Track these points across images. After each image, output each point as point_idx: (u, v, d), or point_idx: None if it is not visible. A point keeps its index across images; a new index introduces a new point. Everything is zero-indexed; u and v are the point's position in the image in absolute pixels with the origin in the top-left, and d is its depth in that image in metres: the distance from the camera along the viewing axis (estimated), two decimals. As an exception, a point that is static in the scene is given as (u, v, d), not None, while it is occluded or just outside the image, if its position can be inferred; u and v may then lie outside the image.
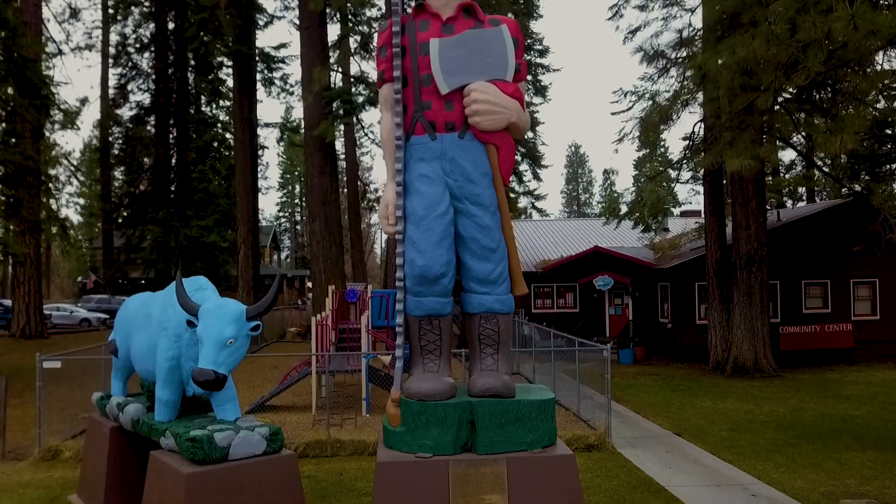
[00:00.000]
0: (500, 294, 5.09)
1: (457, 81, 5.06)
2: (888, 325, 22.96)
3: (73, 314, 35.67)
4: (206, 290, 7.44)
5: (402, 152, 4.94)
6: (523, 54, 5.18)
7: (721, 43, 10.03)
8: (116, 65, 33.53)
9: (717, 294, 20.51)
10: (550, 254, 28.89)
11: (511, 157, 5.26)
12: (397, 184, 4.91)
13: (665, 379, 19.60)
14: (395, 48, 4.90)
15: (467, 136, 5.13)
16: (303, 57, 20.56)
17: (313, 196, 20.90)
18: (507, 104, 5.07)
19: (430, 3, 5.17)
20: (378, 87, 5.44)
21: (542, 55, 27.70)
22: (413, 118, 5.11)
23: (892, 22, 7.44)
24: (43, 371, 11.46)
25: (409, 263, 4.91)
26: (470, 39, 5.12)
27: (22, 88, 16.89)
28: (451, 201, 5.06)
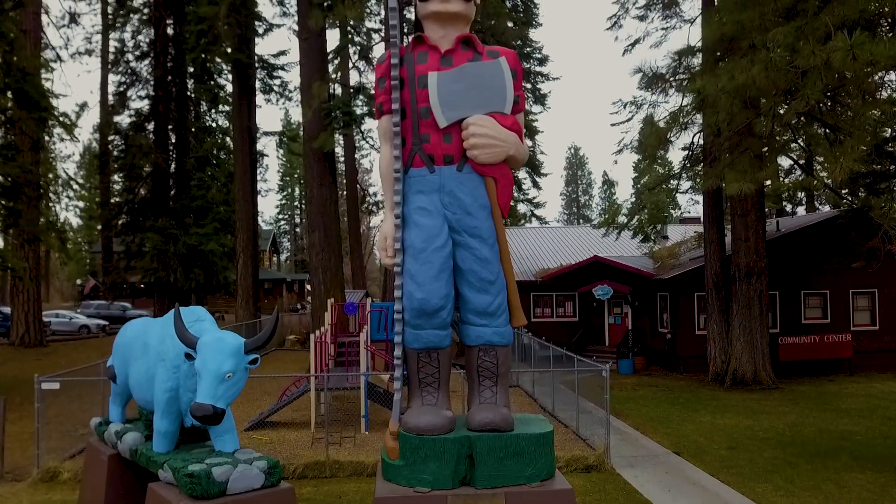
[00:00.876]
0: (499, 326, 5.09)
1: (455, 115, 5.06)
2: (887, 336, 22.97)
3: (73, 320, 35.65)
4: (205, 322, 7.43)
5: (400, 185, 4.94)
6: (521, 85, 5.18)
7: (720, 65, 10.03)
8: (115, 72, 33.48)
9: (716, 305, 20.51)
10: (550, 262, 28.87)
11: (509, 189, 5.27)
12: (396, 216, 4.91)
13: (664, 391, 19.60)
14: (394, 80, 4.90)
15: (466, 169, 5.12)
16: (302, 67, 20.55)
17: (313, 207, 20.88)
18: (506, 137, 5.06)
19: (429, 35, 5.16)
20: (377, 118, 5.44)
21: (541, 63, 27.71)
22: (412, 151, 5.10)
23: (891, 52, 7.43)
24: (42, 392, 11.41)
25: (408, 296, 4.91)
26: (468, 73, 5.11)
27: (21, 101, 16.88)
28: (450, 234, 5.05)
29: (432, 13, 5.06)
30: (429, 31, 5.21)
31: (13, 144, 16.85)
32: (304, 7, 19.42)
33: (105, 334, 35.39)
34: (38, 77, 17.44)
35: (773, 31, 8.44)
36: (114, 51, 35.03)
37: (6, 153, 16.25)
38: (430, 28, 5.22)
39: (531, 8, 27.25)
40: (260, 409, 16.02)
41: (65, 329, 34.62)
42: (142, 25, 33.69)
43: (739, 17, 9.19)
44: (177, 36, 33.05)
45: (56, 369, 24.53)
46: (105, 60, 38.47)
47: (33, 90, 16.80)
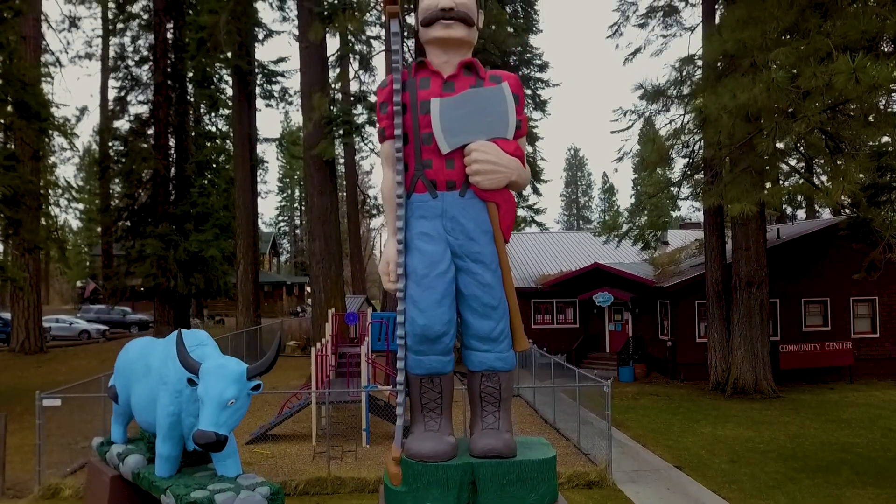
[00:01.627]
0: (502, 352, 5.08)
1: (458, 141, 5.06)
2: (888, 343, 22.97)
3: (73, 326, 35.61)
4: (207, 347, 7.43)
5: (403, 210, 4.94)
6: (524, 109, 5.18)
7: (721, 83, 10.02)
8: (116, 77, 33.46)
9: (717, 314, 20.52)
10: (550, 268, 28.87)
11: (512, 214, 5.27)
12: (398, 241, 4.91)
13: (665, 400, 19.60)
14: (396, 106, 4.89)
15: (468, 195, 5.11)
16: (302, 76, 20.55)
17: (313, 216, 20.87)
18: (508, 163, 5.06)
19: (431, 60, 5.15)
20: (380, 142, 5.45)
21: (541, 70, 27.72)
22: (414, 176, 5.10)
23: (894, 74, 7.43)
24: (42, 408, 11.40)
25: (410, 322, 4.90)
26: (470, 99, 5.11)
27: (21, 111, 16.88)
28: (453, 259, 5.04)
29: (435, 39, 5.06)
30: (431, 57, 5.20)
31: (14, 155, 16.83)
32: (304, 16, 19.41)
33: (105, 339, 35.38)
34: (39, 87, 17.41)
35: (775, 51, 8.43)
36: (114, 55, 35.00)
37: (6, 164, 16.22)
38: (433, 53, 5.21)
39: (531, 14, 27.28)
40: (261, 420, 16.01)
41: (65, 334, 34.60)
42: (142, 30, 33.66)
43: (741, 36, 9.19)
44: (177, 41, 33.04)
45: (56, 377, 24.56)
46: (105, 64, 38.46)
47: (33, 100, 16.79)
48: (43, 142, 17.91)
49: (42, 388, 21.51)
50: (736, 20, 9.73)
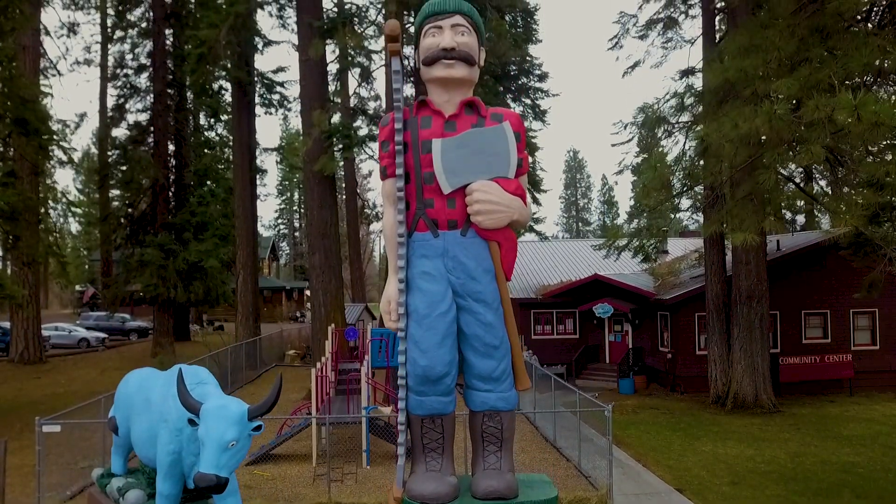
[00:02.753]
0: (504, 391, 5.06)
1: (459, 181, 5.05)
2: (888, 355, 22.98)
3: (72, 334, 35.57)
4: (208, 385, 7.39)
5: (404, 249, 4.93)
6: (525, 147, 5.18)
7: (723, 110, 10.00)
8: (115, 86, 33.42)
9: (717, 327, 20.51)
10: (550, 278, 28.85)
11: (513, 252, 5.26)
12: (400, 280, 4.90)
13: (665, 414, 19.59)
14: (398, 146, 4.88)
15: (469, 234, 5.09)
16: (302, 89, 20.50)
17: (313, 230, 20.83)
18: (509, 203, 5.04)
19: (433, 99, 5.14)
20: (381, 180, 5.45)
21: (540, 80, 27.70)
22: (416, 215, 5.08)
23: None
24: (42, 435, 11.36)
25: (412, 363, 4.88)
26: (472, 139, 5.10)
27: (21, 128, 16.86)
28: (454, 298, 5.02)
29: (437, 78, 5.05)
30: (433, 95, 5.19)
31: (13, 172, 16.80)
32: (304, 30, 19.37)
33: (104, 347, 35.34)
34: (39, 103, 17.39)
35: (777, 82, 8.41)
36: (113, 63, 34.96)
37: (5, 180, 16.20)
38: (434, 92, 5.20)
39: (530, 24, 27.26)
40: (261, 439, 16.03)
41: (64, 342, 34.56)
42: (140, 38, 33.61)
43: (742, 64, 9.18)
44: (176, 49, 33.00)
45: (56, 388, 24.54)
46: (104, 71, 38.40)
47: (33, 117, 16.76)
48: (42, 158, 17.89)
49: (42, 401, 21.60)
50: (737, 47, 9.72)
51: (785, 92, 8.43)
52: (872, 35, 8.61)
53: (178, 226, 30.92)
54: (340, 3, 21.34)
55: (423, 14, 5.00)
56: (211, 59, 20.69)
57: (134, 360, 31.42)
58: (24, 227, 17.76)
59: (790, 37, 9.24)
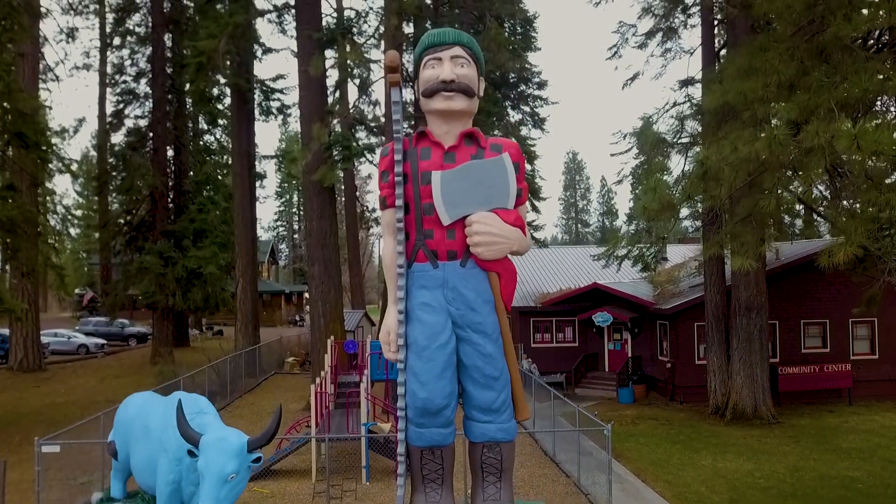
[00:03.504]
0: (503, 422, 5.06)
1: (459, 213, 5.06)
2: (887, 364, 22.98)
3: (71, 340, 35.54)
4: (207, 415, 7.39)
5: (404, 280, 4.93)
6: (524, 177, 5.19)
7: (723, 131, 10.01)
8: (114, 93, 33.42)
9: (716, 338, 20.52)
10: (550, 286, 28.85)
11: (513, 283, 5.26)
12: (399, 311, 4.91)
13: (665, 425, 19.58)
14: (398, 177, 4.89)
15: (469, 265, 5.10)
16: (301, 100, 20.50)
17: (312, 240, 20.82)
18: (509, 234, 5.04)
19: (432, 130, 5.15)
20: (380, 209, 5.46)
21: (539, 87, 27.72)
22: (415, 245, 5.08)
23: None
24: (42, 455, 11.35)
25: (411, 395, 4.88)
26: (471, 170, 5.11)
27: (20, 142, 16.85)
28: (454, 329, 5.03)
29: (436, 110, 5.07)
30: (432, 126, 5.20)
31: (12, 185, 16.80)
32: (304, 42, 19.37)
33: (103, 354, 35.32)
34: (38, 116, 17.38)
35: (777, 106, 8.42)
36: (111, 69, 34.95)
37: (4, 194, 16.19)
38: (434, 123, 5.21)
39: (529, 32, 27.29)
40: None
41: (63, 349, 34.55)
42: (139, 44, 33.60)
43: (742, 87, 9.18)
44: (175, 55, 32.99)
45: (54, 397, 24.52)
46: (103, 76, 38.37)
47: (32, 130, 16.75)
48: (41, 170, 17.89)
49: (41, 411, 21.59)
50: (737, 69, 9.72)
51: (784, 116, 8.43)
52: (872, 59, 8.62)
53: (177, 233, 30.91)
54: (340, 13, 21.38)
55: (423, 45, 5.01)
56: (210, 69, 20.67)
57: (133, 368, 31.43)
58: (23, 239, 17.74)
59: (790, 59, 9.25)
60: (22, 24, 17.58)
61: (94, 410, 22.18)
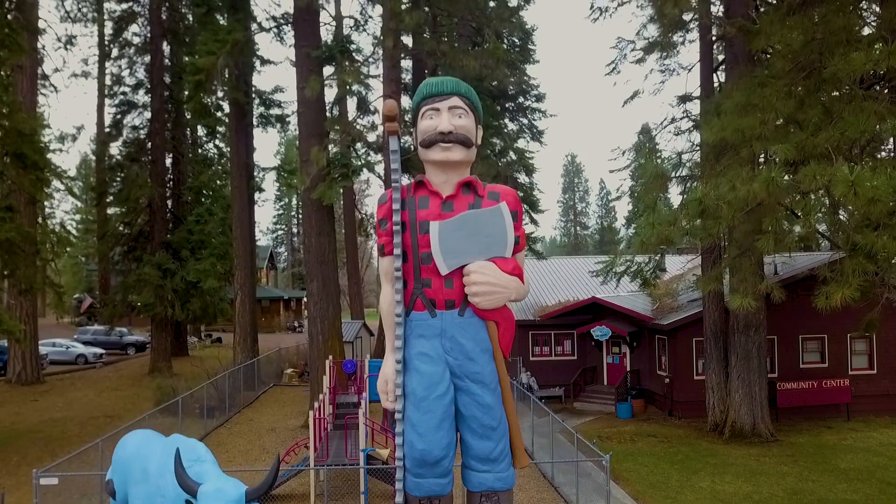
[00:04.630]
0: (501, 472, 5.06)
1: (456, 262, 5.07)
2: (885, 380, 23.01)
3: (70, 350, 35.53)
4: (206, 463, 7.40)
5: (402, 329, 4.95)
6: (522, 224, 5.20)
7: (721, 164, 10.02)
8: (112, 104, 33.42)
9: (714, 355, 20.54)
10: (548, 298, 28.86)
11: (511, 331, 5.26)
12: (397, 361, 4.92)
13: (663, 443, 19.59)
14: (396, 226, 4.90)
15: (467, 314, 5.09)
16: (300, 116, 20.50)
17: (311, 257, 20.79)
18: (507, 283, 5.04)
19: (430, 179, 5.16)
20: (378, 257, 5.47)
21: (538, 100, 27.74)
22: (413, 294, 5.09)
23: (893, 184, 7.42)
24: (40, 488, 11.33)
25: (409, 445, 4.89)
26: (469, 220, 5.12)
27: (19, 162, 16.84)
28: (452, 379, 5.04)
29: (434, 161, 5.09)
30: (430, 176, 5.21)
31: (11, 206, 16.78)
32: (302, 58, 19.37)
33: (102, 364, 35.30)
34: (37, 136, 17.36)
35: (775, 146, 8.43)
36: (110, 80, 34.95)
37: (3, 215, 16.18)
38: (432, 173, 5.22)
39: (527, 45, 27.28)
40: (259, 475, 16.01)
41: (62, 359, 34.54)
42: (137, 54, 33.60)
43: (739, 124, 9.19)
44: (173, 65, 32.99)
45: (53, 412, 24.48)
46: (102, 83, 38.36)
47: (31, 150, 16.74)
48: (40, 190, 17.88)
49: (39, 428, 21.56)
50: (734, 104, 9.73)
51: (782, 156, 8.44)
52: (870, 99, 8.62)
53: (175, 244, 30.91)
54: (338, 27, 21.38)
55: (421, 95, 5.02)
56: (208, 86, 20.66)
57: (132, 380, 31.38)
58: (21, 258, 17.73)
59: (787, 97, 9.26)
60: (20, 43, 17.56)
61: (92, 427, 22.24)
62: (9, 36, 16.99)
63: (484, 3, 19.75)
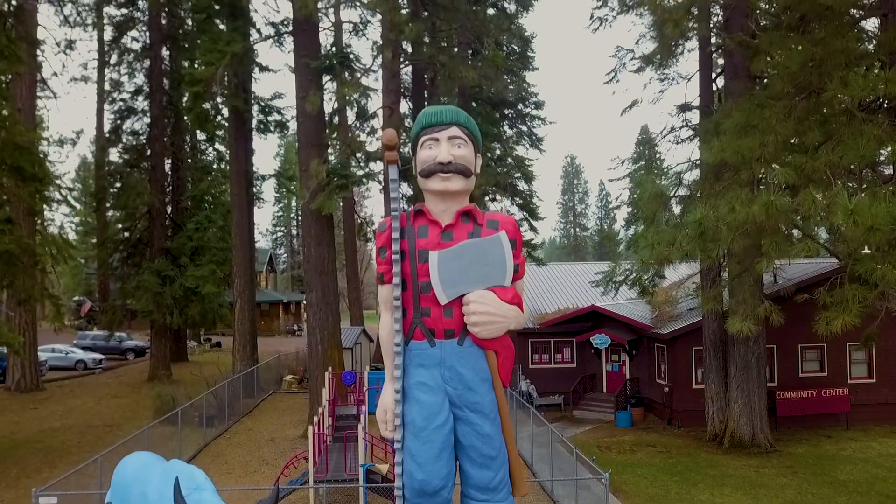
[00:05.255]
0: (500, 500, 5.06)
1: (456, 292, 5.07)
2: (884, 388, 23.02)
3: (69, 356, 35.54)
4: (204, 492, 7.39)
5: (401, 359, 4.95)
6: (521, 252, 5.20)
7: (721, 184, 10.03)
8: (111, 111, 33.41)
9: (714, 365, 20.55)
10: (548, 305, 28.86)
11: (511, 360, 5.26)
12: (396, 391, 4.92)
13: (662, 453, 19.59)
14: (395, 255, 4.91)
15: (467, 343, 5.09)
16: (300, 126, 20.47)
17: (310, 267, 20.79)
18: (506, 312, 5.04)
19: (430, 208, 5.17)
20: (377, 284, 5.48)
21: (537, 107, 27.75)
22: (412, 323, 5.09)
23: (891, 212, 7.42)
24: (39, 508, 11.31)
25: (408, 475, 4.89)
26: (468, 250, 5.12)
27: (17, 175, 16.83)
28: (451, 408, 5.04)
29: (433, 191, 5.10)
30: (429, 205, 5.22)
31: (10, 218, 16.78)
32: (301, 69, 19.36)
33: (101, 370, 35.29)
34: (35, 149, 17.35)
35: (775, 171, 8.43)
36: (109, 83, 34.94)
37: (2, 228, 16.17)
38: (431, 202, 5.22)
39: (526, 52, 27.28)
40: (258, 480, 16.07)
41: (61, 364, 34.54)
42: (136, 60, 33.58)
43: (739, 146, 9.18)
44: (173, 71, 32.98)
45: (52, 421, 24.46)
46: (101, 88, 38.32)
47: (29, 164, 16.73)
48: (39, 202, 17.88)
49: (38, 438, 21.54)
50: (734, 125, 9.73)
51: (782, 180, 8.43)
52: (869, 123, 8.62)
53: (174, 250, 30.91)
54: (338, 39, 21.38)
55: (420, 124, 5.02)
56: (207, 95, 20.65)
57: (131, 386, 31.34)
58: (19, 270, 17.71)
59: (787, 118, 9.25)
60: (19, 55, 17.54)
61: (91, 436, 22.24)
62: (7, 47, 16.98)
63: (483, 14, 19.73)
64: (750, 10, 15.12)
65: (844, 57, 8.60)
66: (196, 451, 19.57)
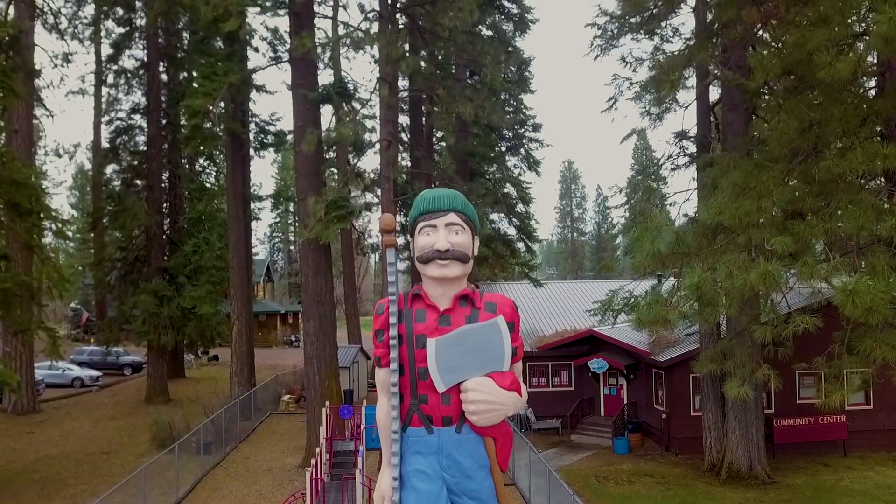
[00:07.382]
0: None
1: (453, 379, 5.05)
2: (881, 415, 23.03)
3: (66, 373, 35.42)
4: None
5: (398, 446, 4.93)
6: (519, 334, 5.20)
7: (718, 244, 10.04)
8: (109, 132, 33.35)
9: (711, 394, 20.56)
10: (546, 326, 28.87)
11: (509, 446, 5.25)
12: (393, 478, 4.91)
13: (660, 484, 19.59)
14: (393, 340, 4.90)
15: (464, 430, 5.07)
16: (297, 155, 20.47)
17: (308, 296, 20.78)
18: (504, 399, 5.02)
19: (427, 292, 5.16)
20: (375, 366, 5.47)
21: (534, 130, 27.76)
22: (410, 409, 5.07)
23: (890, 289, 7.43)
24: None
25: None
26: (466, 336, 5.09)
27: (14, 211, 16.79)
28: (449, 496, 5.02)
29: (432, 277, 5.10)
30: (427, 288, 5.22)
31: (6, 255, 16.74)
32: (299, 99, 19.34)
33: (98, 388, 35.21)
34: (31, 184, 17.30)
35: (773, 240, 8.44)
36: (107, 100, 34.88)
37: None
38: (429, 286, 5.21)
39: (524, 73, 27.29)
40: None
41: (58, 382, 34.43)
42: (134, 77, 33.53)
43: (736, 209, 9.19)
44: (170, 89, 32.94)
45: (49, 447, 24.40)
46: (98, 103, 38.26)
47: (26, 200, 16.70)
48: (37, 239, 17.83)
49: (35, 468, 21.51)
50: (732, 185, 9.74)
51: (779, 249, 8.45)
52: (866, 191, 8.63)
53: (172, 269, 30.88)
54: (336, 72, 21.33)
55: (418, 210, 5.01)
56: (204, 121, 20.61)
57: (128, 406, 31.27)
58: (16, 304, 17.68)
59: (783, 183, 9.26)
60: (15, 89, 17.50)
61: (88, 465, 22.20)
62: (3, 81, 16.95)
63: (480, 45, 19.73)
64: (746, 46, 15.13)
65: (843, 125, 8.61)
66: (193, 482, 19.55)
